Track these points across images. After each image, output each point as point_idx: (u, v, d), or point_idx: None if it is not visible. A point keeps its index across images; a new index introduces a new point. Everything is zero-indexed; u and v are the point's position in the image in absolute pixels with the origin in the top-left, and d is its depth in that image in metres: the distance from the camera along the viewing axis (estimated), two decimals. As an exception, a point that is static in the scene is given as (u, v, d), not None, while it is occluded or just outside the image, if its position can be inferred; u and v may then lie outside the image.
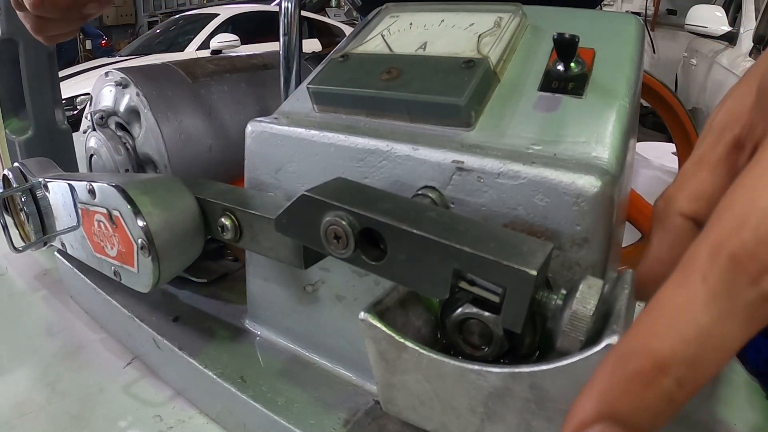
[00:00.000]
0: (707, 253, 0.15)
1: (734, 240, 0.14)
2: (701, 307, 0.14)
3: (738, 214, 0.15)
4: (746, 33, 2.56)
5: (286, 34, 0.50)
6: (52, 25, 0.42)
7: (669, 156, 0.73)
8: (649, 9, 4.23)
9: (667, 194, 0.24)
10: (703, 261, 0.15)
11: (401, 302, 0.25)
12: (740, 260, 0.14)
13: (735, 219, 0.14)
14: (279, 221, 0.29)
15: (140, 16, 9.61)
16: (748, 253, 0.14)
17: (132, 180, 0.36)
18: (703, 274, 0.14)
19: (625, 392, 0.15)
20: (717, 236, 0.15)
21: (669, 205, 0.23)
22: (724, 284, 0.14)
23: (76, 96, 3.12)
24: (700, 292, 0.14)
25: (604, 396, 0.15)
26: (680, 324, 0.14)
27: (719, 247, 0.14)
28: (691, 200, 0.23)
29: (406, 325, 0.25)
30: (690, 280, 0.15)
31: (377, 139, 0.31)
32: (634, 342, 0.15)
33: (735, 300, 0.14)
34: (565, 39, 0.30)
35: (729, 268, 0.14)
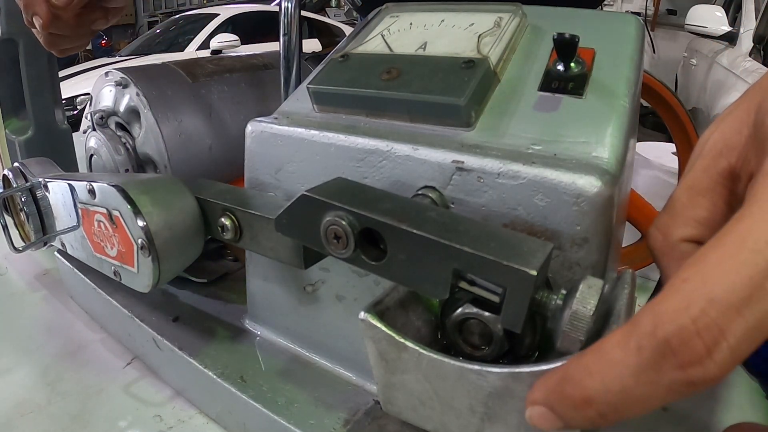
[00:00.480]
0: (649, 325, 0.16)
1: (675, 323, 0.15)
2: (630, 371, 0.16)
3: (686, 295, 0.15)
4: (746, 33, 2.56)
5: (286, 34, 0.50)
6: (63, 40, 0.44)
7: (669, 156, 0.73)
8: (649, 9, 4.23)
9: (663, 224, 0.23)
10: (643, 330, 0.16)
11: (401, 302, 0.25)
12: (674, 346, 0.15)
13: (682, 300, 0.15)
14: (279, 221, 0.29)
15: (140, 16, 9.61)
16: (682, 341, 0.15)
17: (132, 180, 0.36)
18: (640, 344, 0.16)
19: (559, 403, 0.17)
20: (662, 312, 0.16)
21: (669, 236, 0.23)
22: (655, 360, 0.15)
23: (76, 96, 3.12)
24: (632, 359, 0.16)
25: (548, 395, 0.18)
26: (610, 376, 0.16)
27: (660, 325, 0.15)
28: (692, 227, 0.22)
29: (406, 325, 0.25)
30: (628, 344, 0.16)
31: (377, 139, 0.31)
32: (575, 370, 0.17)
33: (660, 376, 0.15)
34: (565, 39, 0.30)
35: (662, 349, 0.15)
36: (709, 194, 0.22)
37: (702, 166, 0.22)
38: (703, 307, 0.15)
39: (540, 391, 0.18)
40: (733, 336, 0.15)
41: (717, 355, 0.15)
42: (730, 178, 0.22)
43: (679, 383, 0.15)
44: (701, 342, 0.15)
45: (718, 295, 0.15)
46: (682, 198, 0.23)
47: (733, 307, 0.15)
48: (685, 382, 0.15)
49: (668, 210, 0.24)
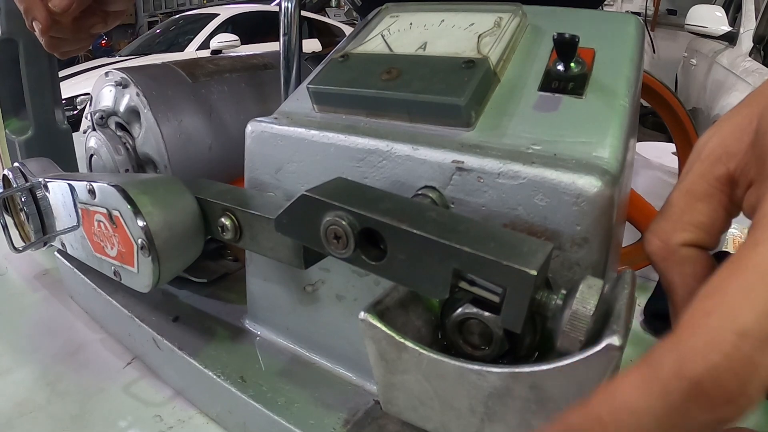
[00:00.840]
0: (674, 365, 0.14)
1: (706, 361, 0.14)
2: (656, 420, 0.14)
3: (714, 330, 0.14)
4: (746, 33, 2.56)
5: (286, 34, 0.50)
6: (63, 43, 0.44)
7: (669, 156, 0.73)
8: (649, 9, 4.23)
9: (660, 229, 0.23)
10: (668, 371, 0.14)
11: (401, 302, 0.25)
12: (705, 387, 0.14)
13: (710, 335, 0.14)
14: (279, 221, 0.29)
15: (140, 16, 9.61)
16: (714, 380, 0.14)
17: (132, 180, 0.36)
18: (666, 388, 0.14)
19: None
20: (688, 349, 0.14)
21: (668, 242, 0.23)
22: (684, 404, 0.14)
23: (76, 96, 3.12)
24: (658, 405, 0.14)
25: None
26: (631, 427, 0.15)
27: (687, 364, 0.14)
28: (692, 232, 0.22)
29: (406, 325, 0.25)
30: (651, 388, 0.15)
31: (377, 139, 0.31)
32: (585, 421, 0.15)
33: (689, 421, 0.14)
34: (565, 39, 0.30)
35: (693, 391, 0.14)
36: (707, 199, 0.22)
37: (700, 171, 0.22)
38: (734, 342, 0.14)
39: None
40: (765, 368, 0.14)
41: (750, 389, 0.14)
42: (728, 184, 0.22)
43: (709, 425, 0.14)
44: (736, 380, 0.14)
45: (749, 327, 0.14)
46: (680, 203, 0.23)
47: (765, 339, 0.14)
48: (715, 422, 0.14)
49: (665, 214, 0.23)
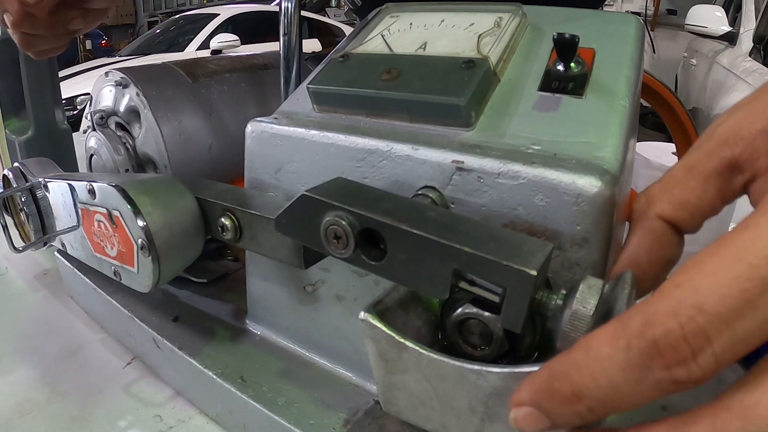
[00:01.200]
0: (638, 325, 0.16)
1: (663, 326, 0.16)
2: (617, 368, 0.16)
3: (677, 300, 0.16)
4: (746, 33, 2.55)
5: (286, 34, 0.50)
6: (38, 40, 0.41)
7: (669, 156, 0.73)
8: (649, 9, 4.22)
9: (650, 193, 0.23)
10: (632, 330, 0.16)
11: (401, 302, 0.25)
12: (661, 348, 0.16)
13: (672, 304, 0.16)
14: (279, 221, 0.29)
15: (140, 16, 9.61)
16: (669, 343, 0.15)
17: (132, 180, 0.36)
18: (628, 343, 0.16)
19: (548, 400, 0.18)
20: (651, 313, 0.16)
21: (650, 206, 0.23)
22: (642, 359, 0.16)
23: (76, 96, 3.12)
24: (621, 356, 0.16)
25: (535, 394, 0.18)
26: (598, 372, 0.17)
27: (648, 326, 0.16)
28: (673, 206, 0.22)
29: (406, 324, 0.25)
30: (617, 342, 0.16)
31: (377, 139, 0.31)
32: (563, 366, 0.18)
33: (647, 375, 0.16)
34: (565, 39, 0.30)
35: (649, 350, 0.16)
36: (703, 179, 0.22)
37: (706, 150, 0.22)
38: (691, 314, 0.15)
39: (526, 390, 0.18)
40: (719, 344, 0.15)
41: (702, 359, 0.15)
42: (730, 168, 0.21)
43: (665, 382, 0.16)
44: (687, 346, 0.15)
45: (709, 304, 0.15)
46: (677, 175, 0.23)
47: (721, 318, 0.15)
48: (670, 381, 0.16)
49: (661, 181, 0.23)
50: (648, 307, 0.16)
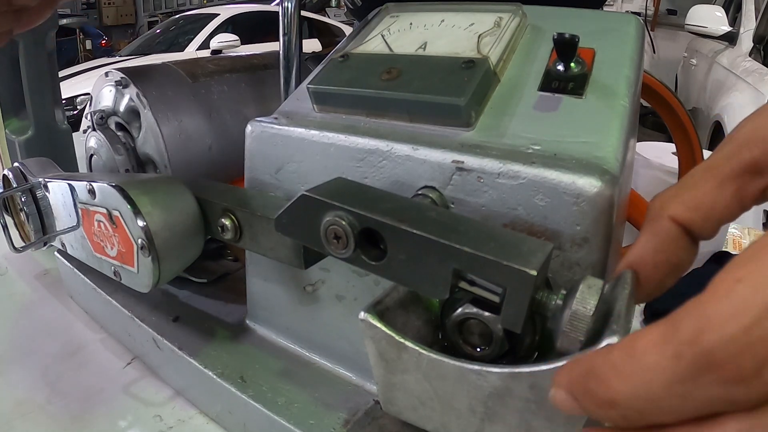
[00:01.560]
0: (692, 330, 0.14)
1: (722, 331, 0.13)
2: (663, 380, 0.14)
3: (739, 299, 0.13)
4: (746, 33, 2.55)
5: (286, 34, 0.50)
6: None
7: (669, 156, 0.73)
8: (649, 9, 4.22)
9: (666, 194, 0.22)
10: (684, 335, 0.14)
11: (401, 302, 0.25)
12: (718, 359, 0.13)
13: (734, 304, 0.13)
14: (279, 221, 0.29)
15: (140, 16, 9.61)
16: (729, 354, 0.13)
17: (132, 180, 0.36)
18: (679, 352, 0.14)
19: (582, 397, 0.16)
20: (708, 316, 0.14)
21: (664, 207, 0.22)
22: (693, 372, 0.14)
23: (76, 96, 3.12)
24: (668, 367, 0.14)
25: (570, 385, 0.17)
26: (640, 381, 0.15)
27: (704, 332, 0.14)
28: (687, 207, 0.21)
29: (406, 324, 0.25)
30: (665, 349, 0.14)
31: (377, 139, 0.31)
32: (602, 366, 0.16)
33: (697, 390, 0.14)
34: (565, 39, 0.30)
35: (704, 361, 0.13)
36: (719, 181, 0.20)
37: (725, 153, 0.21)
38: (758, 315, 0.13)
39: (564, 377, 0.17)
40: None
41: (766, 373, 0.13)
42: (750, 171, 0.20)
43: (718, 401, 0.14)
44: (751, 358, 0.13)
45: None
46: (694, 177, 0.21)
47: None
48: (725, 400, 0.13)
49: (678, 184, 0.22)
50: (703, 308, 0.14)
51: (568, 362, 0.17)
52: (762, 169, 0.19)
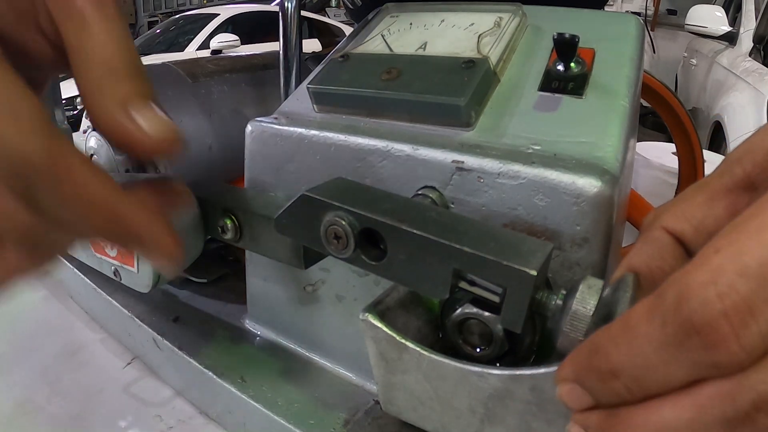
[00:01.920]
0: (674, 298, 0.14)
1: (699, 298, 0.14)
2: (653, 347, 0.15)
3: (715, 266, 0.14)
4: (746, 33, 2.55)
5: (286, 34, 0.50)
6: None
7: (669, 156, 0.73)
8: (649, 9, 4.22)
9: (661, 207, 0.23)
10: (667, 304, 0.15)
11: (401, 302, 0.25)
12: (697, 325, 0.14)
13: (710, 272, 0.14)
14: (279, 221, 0.29)
15: (140, 16, 9.61)
16: (706, 320, 0.14)
17: (132, 180, 0.36)
18: (664, 319, 0.15)
19: (587, 376, 0.17)
20: (687, 284, 0.14)
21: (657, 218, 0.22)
22: (678, 338, 0.14)
23: (76, 96, 3.11)
24: (656, 334, 0.15)
25: (576, 369, 0.17)
26: (634, 350, 0.15)
27: (684, 299, 0.14)
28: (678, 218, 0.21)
29: (407, 324, 0.25)
30: (653, 318, 0.15)
31: (377, 139, 0.31)
32: (602, 339, 0.17)
33: (684, 355, 0.14)
34: (564, 39, 0.30)
35: (686, 327, 0.14)
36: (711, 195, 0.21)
37: (719, 169, 0.21)
38: (731, 281, 0.13)
39: (569, 366, 0.17)
40: (765, 320, 0.13)
41: (745, 339, 0.13)
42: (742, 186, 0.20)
43: (702, 365, 0.14)
44: (727, 322, 0.13)
45: (753, 268, 0.13)
46: (690, 191, 0.22)
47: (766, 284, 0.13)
48: (710, 364, 0.14)
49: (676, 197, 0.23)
50: (684, 277, 0.14)
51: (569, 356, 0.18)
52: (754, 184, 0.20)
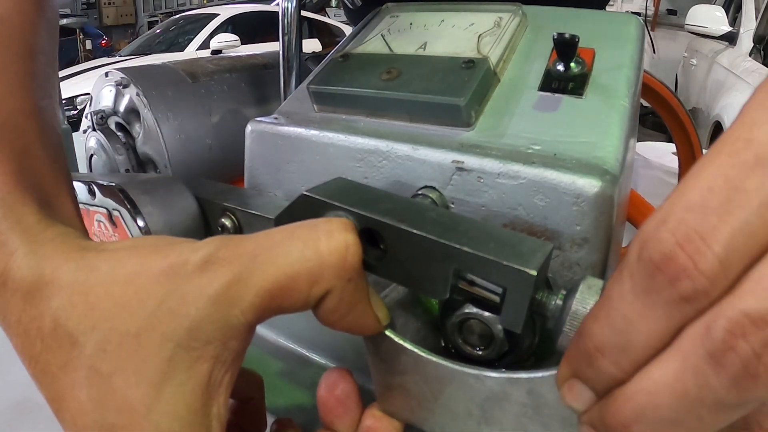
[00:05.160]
0: (635, 249, 0.15)
1: (655, 238, 0.14)
2: (628, 302, 0.15)
3: (665, 208, 0.15)
4: (746, 33, 2.56)
5: (286, 34, 0.50)
6: None
7: (669, 156, 0.73)
8: (649, 9, 4.23)
9: None
10: (631, 256, 0.15)
11: (400, 303, 0.25)
12: (659, 263, 0.14)
13: (660, 215, 0.15)
14: (279, 221, 0.29)
15: (140, 16, 9.61)
16: (665, 255, 0.14)
17: (132, 180, 0.36)
18: (630, 271, 0.15)
19: (579, 363, 0.17)
20: (645, 233, 0.15)
21: None
22: (646, 282, 0.15)
23: (76, 96, 3.12)
24: (628, 287, 0.15)
25: (570, 362, 0.17)
26: (612, 314, 0.16)
27: (643, 245, 0.15)
28: None
29: (406, 325, 0.25)
30: (623, 275, 0.15)
31: (377, 139, 0.31)
32: (585, 322, 0.17)
33: (656, 297, 0.15)
34: (564, 39, 0.30)
35: (650, 270, 0.14)
36: None
37: None
38: (680, 216, 0.14)
39: (564, 362, 0.18)
40: (718, 243, 0.13)
41: (703, 264, 0.14)
42: None
43: (674, 303, 0.14)
44: (683, 253, 0.14)
45: (695, 201, 0.14)
46: None
47: (712, 212, 0.14)
48: (679, 298, 0.14)
49: None
50: (643, 227, 0.15)
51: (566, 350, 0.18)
52: None
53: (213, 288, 0.18)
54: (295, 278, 0.19)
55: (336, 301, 0.20)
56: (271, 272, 0.18)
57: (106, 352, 0.17)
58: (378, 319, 0.21)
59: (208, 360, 0.18)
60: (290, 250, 0.19)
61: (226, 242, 0.19)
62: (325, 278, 0.19)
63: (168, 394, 0.17)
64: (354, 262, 0.19)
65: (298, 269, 0.18)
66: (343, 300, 0.20)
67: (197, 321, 0.17)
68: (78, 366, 0.18)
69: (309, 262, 0.19)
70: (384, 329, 0.22)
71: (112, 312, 0.18)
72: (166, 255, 0.18)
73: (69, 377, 0.18)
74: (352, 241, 0.19)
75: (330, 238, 0.19)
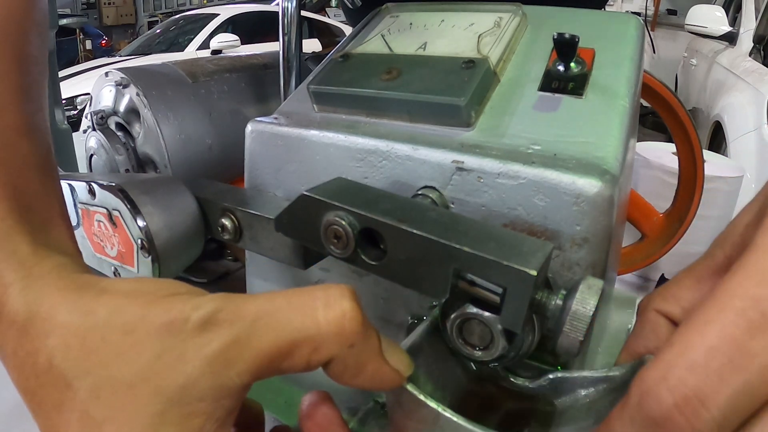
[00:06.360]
0: (637, 396, 0.15)
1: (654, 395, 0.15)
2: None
3: (667, 362, 0.15)
4: (746, 33, 2.55)
5: (286, 34, 0.50)
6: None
7: (669, 156, 0.73)
8: (649, 9, 4.22)
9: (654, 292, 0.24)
10: (632, 402, 0.16)
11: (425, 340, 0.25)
12: (657, 420, 0.15)
13: (662, 368, 0.15)
14: (279, 221, 0.29)
15: (140, 16, 9.61)
16: (663, 414, 0.14)
17: (132, 180, 0.36)
18: (631, 417, 0.16)
19: None
20: (645, 380, 0.15)
21: (650, 302, 0.23)
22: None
23: (76, 96, 3.11)
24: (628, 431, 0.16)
25: None
26: None
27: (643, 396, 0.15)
28: (668, 301, 0.23)
29: (429, 367, 0.25)
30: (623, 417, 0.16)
31: (377, 139, 0.31)
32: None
33: None
34: (564, 39, 0.30)
35: (648, 423, 0.15)
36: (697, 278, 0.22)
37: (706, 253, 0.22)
38: (681, 375, 0.14)
39: None
40: (717, 407, 0.14)
41: (699, 426, 0.14)
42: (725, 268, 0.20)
43: None
44: (680, 414, 0.14)
45: (698, 360, 0.14)
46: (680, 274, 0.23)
47: (714, 374, 0.14)
48: None
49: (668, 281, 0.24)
50: (645, 373, 0.16)
51: None
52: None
53: (211, 348, 0.18)
54: (293, 345, 0.19)
55: (341, 366, 0.20)
56: (270, 338, 0.18)
57: (100, 399, 0.18)
58: (397, 372, 0.21)
59: (199, 416, 0.18)
60: (290, 317, 0.19)
61: (227, 302, 0.19)
62: (325, 346, 0.19)
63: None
64: (353, 329, 0.19)
65: (296, 337, 0.19)
66: (348, 365, 0.20)
67: (192, 379, 0.18)
68: (72, 408, 0.18)
69: (308, 330, 0.19)
70: (405, 381, 0.21)
71: (108, 359, 0.18)
72: (167, 309, 0.18)
73: (63, 417, 0.18)
74: (349, 307, 0.19)
75: (327, 308, 0.19)
